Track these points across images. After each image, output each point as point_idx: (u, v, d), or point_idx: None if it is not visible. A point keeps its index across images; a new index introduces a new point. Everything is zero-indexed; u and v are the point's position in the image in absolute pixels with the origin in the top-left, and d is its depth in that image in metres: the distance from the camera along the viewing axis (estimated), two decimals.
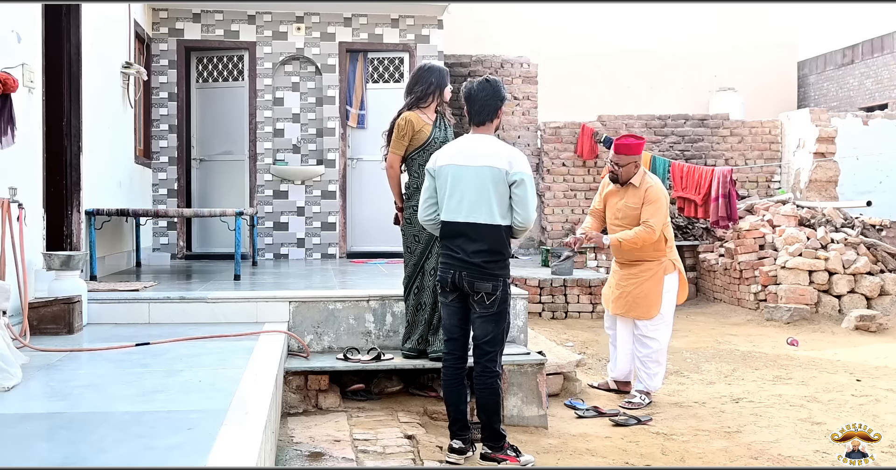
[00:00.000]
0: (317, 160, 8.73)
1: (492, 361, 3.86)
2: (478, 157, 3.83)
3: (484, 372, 3.87)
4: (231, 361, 3.83)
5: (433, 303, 4.59)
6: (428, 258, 4.60)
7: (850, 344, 7.43)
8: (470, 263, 3.80)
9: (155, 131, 8.47)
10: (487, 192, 3.78)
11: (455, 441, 3.88)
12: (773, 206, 9.95)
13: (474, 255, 3.80)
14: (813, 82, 15.70)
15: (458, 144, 3.96)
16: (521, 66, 10.64)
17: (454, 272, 3.84)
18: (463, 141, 3.97)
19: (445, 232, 3.89)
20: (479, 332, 3.89)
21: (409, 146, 4.62)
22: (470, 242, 3.80)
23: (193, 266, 7.60)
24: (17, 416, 2.88)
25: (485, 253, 3.80)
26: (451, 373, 3.94)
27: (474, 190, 3.80)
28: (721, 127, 11.48)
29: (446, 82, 4.72)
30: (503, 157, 3.81)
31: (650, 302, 5.18)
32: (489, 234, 3.80)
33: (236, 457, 2.39)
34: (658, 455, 4.15)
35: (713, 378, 5.99)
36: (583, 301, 8.81)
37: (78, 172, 5.72)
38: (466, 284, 3.82)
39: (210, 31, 8.54)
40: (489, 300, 3.81)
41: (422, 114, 4.65)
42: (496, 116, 3.95)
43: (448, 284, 3.88)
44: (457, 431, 3.92)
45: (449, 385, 3.94)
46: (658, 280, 5.18)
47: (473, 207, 3.80)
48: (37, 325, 4.37)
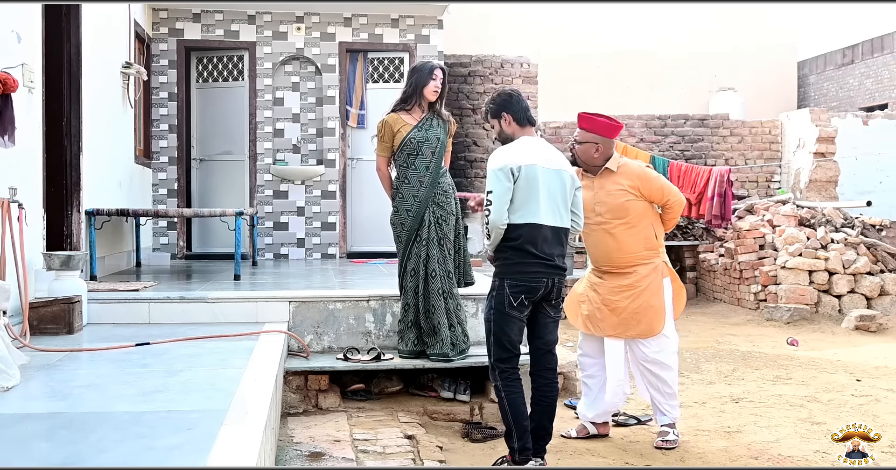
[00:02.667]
0: (317, 160, 8.73)
1: (557, 363, 3.88)
2: (552, 160, 3.78)
3: (555, 375, 3.81)
4: (231, 361, 3.83)
5: (416, 304, 4.64)
6: (408, 258, 4.65)
7: (850, 344, 7.43)
8: (561, 269, 3.72)
9: (155, 131, 8.47)
10: (565, 195, 3.79)
11: (536, 460, 3.65)
12: (773, 206, 9.95)
13: (561, 259, 3.73)
14: (813, 82, 15.70)
15: (528, 145, 3.80)
16: (521, 66, 10.64)
17: (548, 280, 3.66)
18: (529, 142, 3.81)
19: (530, 235, 3.65)
20: (552, 336, 3.81)
21: (394, 147, 4.71)
22: (556, 247, 3.71)
23: (193, 266, 7.60)
24: (17, 416, 2.87)
25: (565, 257, 3.80)
26: (520, 385, 3.69)
27: (558, 193, 3.74)
28: (721, 127, 11.48)
29: (426, 81, 4.65)
30: (566, 162, 3.87)
31: (652, 315, 4.22)
32: (564, 238, 3.80)
33: (236, 457, 2.39)
34: (658, 455, 4.15)
35: (713, 378, 5.99)
36: None
37: (78, 172, 5.71)
38: (556, 290, 3.72)
39: (210, 31, 8.53)
40: (562, 303, 3.85)
41: (406, 115, 4.71)
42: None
43: (537, 294, 3.66)
44: (533, 449, 3.67)
45: (521, 400, 3.66)
46: (657, 287, 4.24)
47: (556, 210, 3.73)
48: (37, 325, 4.37)
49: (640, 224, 4.24)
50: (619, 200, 4.20)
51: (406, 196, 4.67)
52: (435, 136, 4.68)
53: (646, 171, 4.29)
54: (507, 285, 3.63)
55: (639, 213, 4.23)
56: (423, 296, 4.62)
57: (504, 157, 3.70)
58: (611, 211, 4.23)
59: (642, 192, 4.21)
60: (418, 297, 4.64)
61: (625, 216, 4.21)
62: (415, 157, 4.65)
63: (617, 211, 4.21)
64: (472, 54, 10.63)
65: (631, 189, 4.20)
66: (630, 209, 4.21)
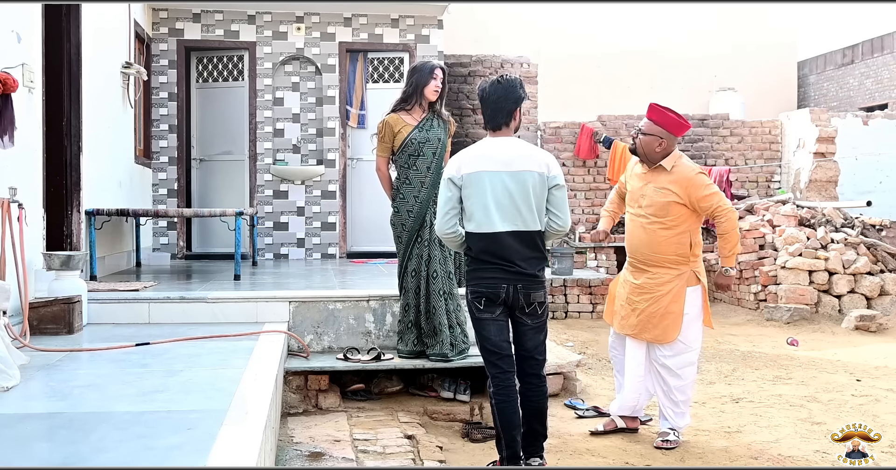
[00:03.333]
0: (317, 160, 8.73)
1: (542, 368, 3.71)
2: (512, 161, 3.54)
3: (539, 380, 3.69)
4: (231, 361, 3.83)
5: (417, 304, 4.64)
6: (409, 259, 4.66)
7: (850, 344, 7.43)
8: (526, 274, 3.53)
9: (155, 131, 8.47)
10: (528, 198, 3.53)
11: (535, 460, 3.59)
12: (773, 206, 9.95)
13: (528, 265, 3.53)
14: (813, 82, 15.70)
15: (482, 150, 3.62)
16: (521, 66, 10.64)
17: (507, 286, 3.52)
18: (485, 146, 3.63)
19: (484, 244, 3.54)
20: (532, 343, 3.66)
21: (394, 147, 4.71)
22: (519, 252, 3.53)
23: (193, 266, 7.60)
24: (17, 416, 2.88)
25: (536, 261, 3.57)
26: (512, 393, 3.58)
27: (517, 196, 3.52)
28: (721, 127, 11.48)
29: (426, 81, 4.63)
30: (540, 160, 3.60)
31: (670, 322, 4.20)
32: (536, 241, 3.58)
33: (236, 457, 2.39)
34: (658, 455, 4.15)
35: (713, 378, 5.99)
36: (583, 301, 8.81)
37: (78, 172, 5.71)
38: (523, 296, 3.54)
39: (210, 31, 8.53)
40: (541, 309, 3.63)
41: (406, 115, 4.71)
42: (512, 119, 3.64)
43: (498, 300, 3.55)
44: (529, 450, 3.62)
45: (512, 409, 3.56)
46: (679, 294, 4.20)
47: (517, 215, 3.52)
48: (37, 325, 4.37)
49: (677, 228, 4.18)
50: (663, 200, 4.16)
51: (407, 197, 4.68)
52: (436, 137, 4.68)
53: (697, 178, 4.17)
54: (470, 292, 3.62)
55: (679, 216, 4.17)
56: (425, 296, 4.63)
57: (450, 166, 3.64)
58: (652, 207, 4.20)
59: (689, 197, 4.14)
60: (419, 297, 4.64)
61: (664, 216, 4.18)
62: (416, 158, 4.65)
63: (658, 210, 4.18)
64: (472, 54, 10.63)
65: (678, 192, 4.14)
66: (671, 211, 4.17)
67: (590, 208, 11.11)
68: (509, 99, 3.61)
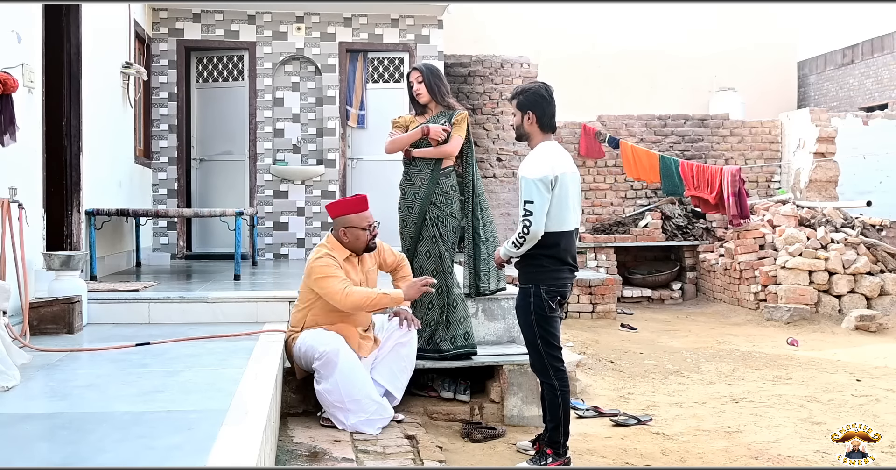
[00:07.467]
0: (317, 160, 8.73)
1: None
2: (570, 162, 3.91)
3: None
4: (231, 361, 3.83)
5: (441, 304, 4.63)
6: (416, 256, 4.68)
7: (850, 344, 7.43)
8: (576, 271, 3.94)
9: (155, 131, 8.47)
10: (579, 197, 3.94)
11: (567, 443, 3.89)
12: (773, 206, 9.95)
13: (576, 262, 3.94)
14: (813, 82, 15.70)
15: (556, 150, 3.85)
16: (521, 66, 10.64)
17: (570, 284, 3.92)
18: (557, 149, 3.86)
19: (565, 244, 3.82)
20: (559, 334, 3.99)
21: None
22: (575, 249, 3.93)
23: (193, 266, 7.60)
24: (17, 416, 2.87)
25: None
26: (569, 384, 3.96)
27: (579, 198, 3.92)
28: (721, 127, 11.49)
29: (410, 86, 4.85)
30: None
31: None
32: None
33: (236, 457, 2.39)
34: (658, 455, 4.15)
35: (713, 378, 5.99)
36: (583, 301, 8.81)
37: (78, 172, 5.71)
38: (569, 293, 3.94)
39: (210, 31, 8.53)
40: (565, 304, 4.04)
41: (420, 118, 4.84)
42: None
43: (566, 297, 3.91)
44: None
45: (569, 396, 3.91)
46: None
47: (579, 213, 3.92)
48: (37, 325, 4.37)
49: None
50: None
51: (408, 193, 4.76)
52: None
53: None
54: (545, 291, 3.78)
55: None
56: (446, 292, 4.65)
57: (542, 168, 3.72)
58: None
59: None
60: (441, 294, 4.64)
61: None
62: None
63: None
64: (472, 54, 10.63)
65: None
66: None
67: (590, 208, 11.11)
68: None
